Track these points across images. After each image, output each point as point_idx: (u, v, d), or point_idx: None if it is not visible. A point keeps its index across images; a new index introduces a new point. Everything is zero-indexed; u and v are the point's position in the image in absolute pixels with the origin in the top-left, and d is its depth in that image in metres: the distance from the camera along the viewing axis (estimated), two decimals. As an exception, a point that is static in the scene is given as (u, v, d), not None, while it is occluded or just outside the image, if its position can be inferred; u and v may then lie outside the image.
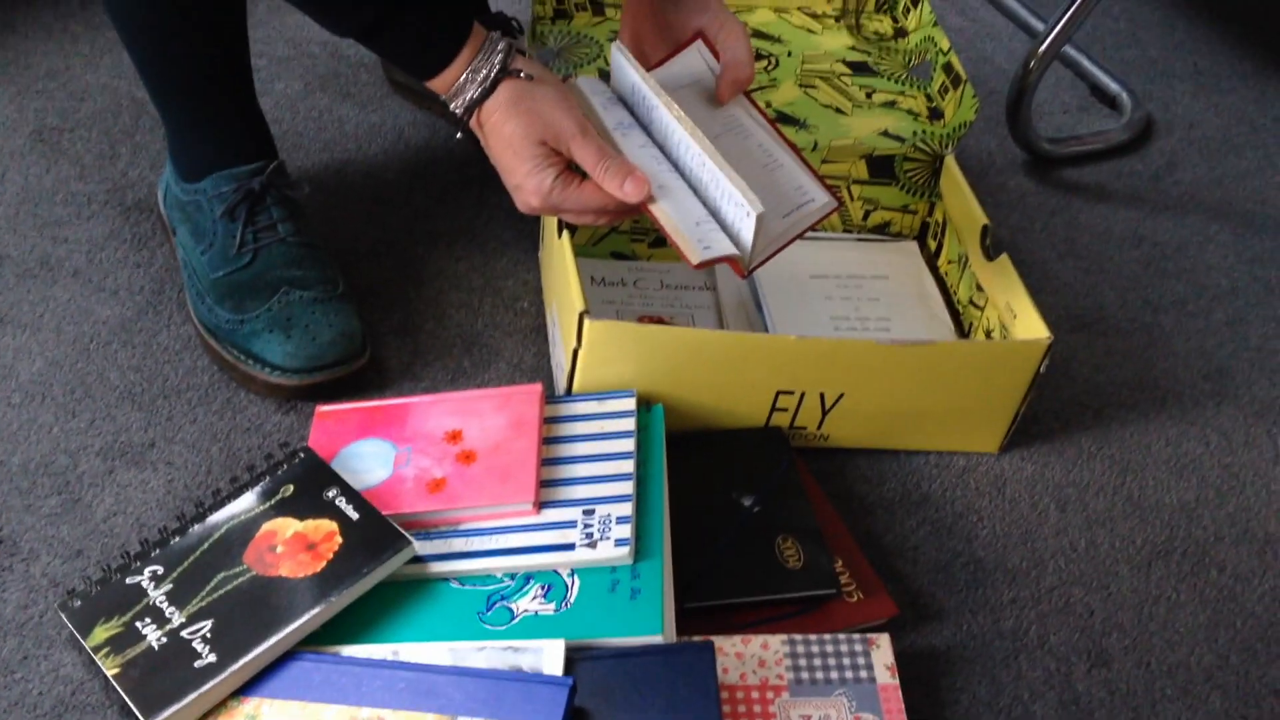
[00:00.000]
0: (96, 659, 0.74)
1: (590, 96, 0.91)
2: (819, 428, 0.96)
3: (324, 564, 0.77)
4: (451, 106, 0.85)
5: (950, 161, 1.09)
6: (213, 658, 0.73)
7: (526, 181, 0.85)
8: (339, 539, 0.79)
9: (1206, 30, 1.59)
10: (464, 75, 0.84)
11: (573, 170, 0.86)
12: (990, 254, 1.01)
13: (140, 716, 0.71)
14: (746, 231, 0.84)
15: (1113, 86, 1.44)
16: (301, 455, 0.85)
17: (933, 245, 1.13)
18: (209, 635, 0.74)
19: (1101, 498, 0.97)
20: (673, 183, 0.87)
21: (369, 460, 0.87)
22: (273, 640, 0.73)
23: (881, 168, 1.11)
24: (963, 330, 1.06)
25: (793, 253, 1.09)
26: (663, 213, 0.85)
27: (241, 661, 0.72)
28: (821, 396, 0.93)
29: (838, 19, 1.20)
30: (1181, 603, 0.90)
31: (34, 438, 0.92)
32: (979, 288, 1.03)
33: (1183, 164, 1.36)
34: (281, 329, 0.95)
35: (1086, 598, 0.90)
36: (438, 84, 0.85)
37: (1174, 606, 0.90)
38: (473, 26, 0.84)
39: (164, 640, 0.74)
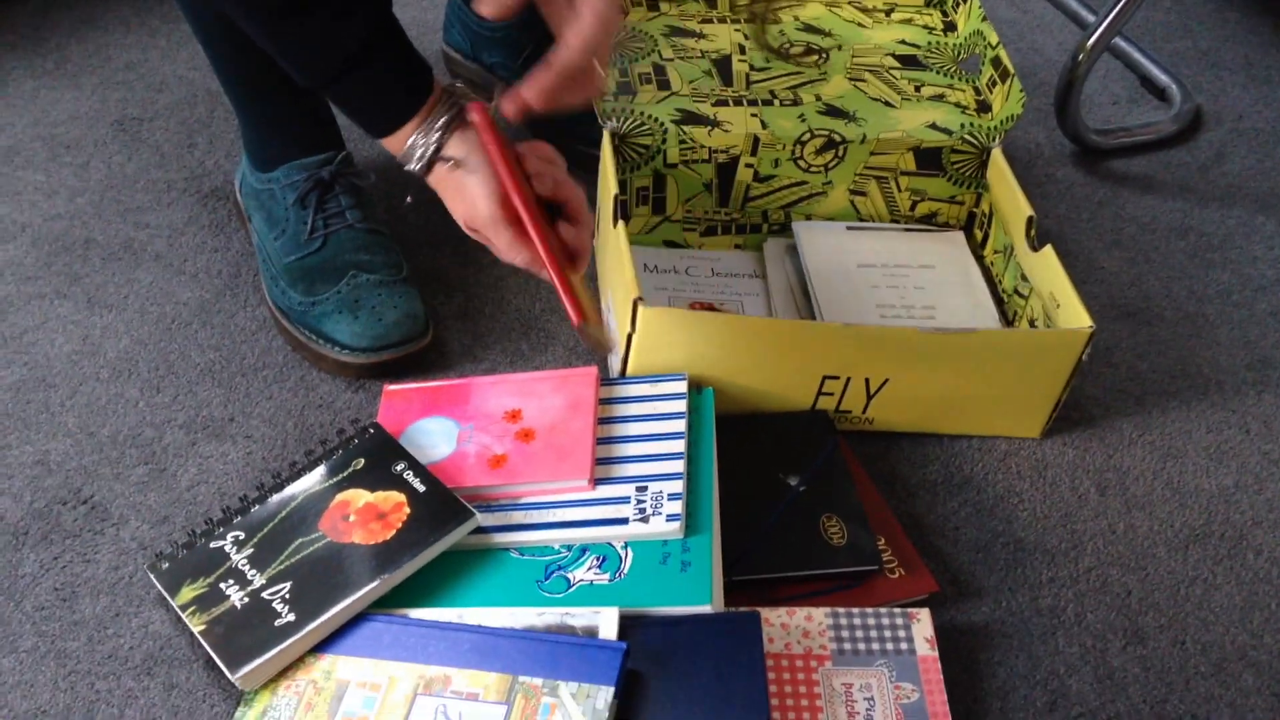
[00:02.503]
0: (184, 616, 0.79)
1: None
2: (864, 412, 0.99)
3: (393, 533, 0.82)
4: (406, 168, 0.86)
5: (997, 153, 1.11)
6: (291, 617, 0.77)
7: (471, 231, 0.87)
8: (407, 510, 0.83)
9: (1258, 22, 1.59)
10: (415, 135, 0.84)
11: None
12: (1035, 244, 1.03)
13: (225, 670, 0.76)
14: None
15: (1162, 78, 1.44)
16: (371, 431, 0.89)
17: (979, 235, 1.16)
18: (288, 596, 0.78)
19: (1141, 482, 0.99)
20: None
21: (434, 436, 0.91)
22: (347, 602, 0.78)
23: (929, 160, 1.13)
24: (1007, 319, 1.09)
25: (841, 242, 1.13)
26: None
27: (318, 621, 0.77)
28: (867, 382, 0.96)
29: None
30: (1217, 584, 0.92)
31: (122, 411, 0.98)
32: (1024, 277, 1.06)
33: (1231, 155, 1.37)
34: (349, 310, 1.00)
35: (1124, 578, 0.92)
36: (392, 143, 0.85)
37: (1210, 588, 0.92)
38: (434, 84, 0.84)
39: (246, 600, 0.79)
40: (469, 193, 0.85)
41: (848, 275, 1.10)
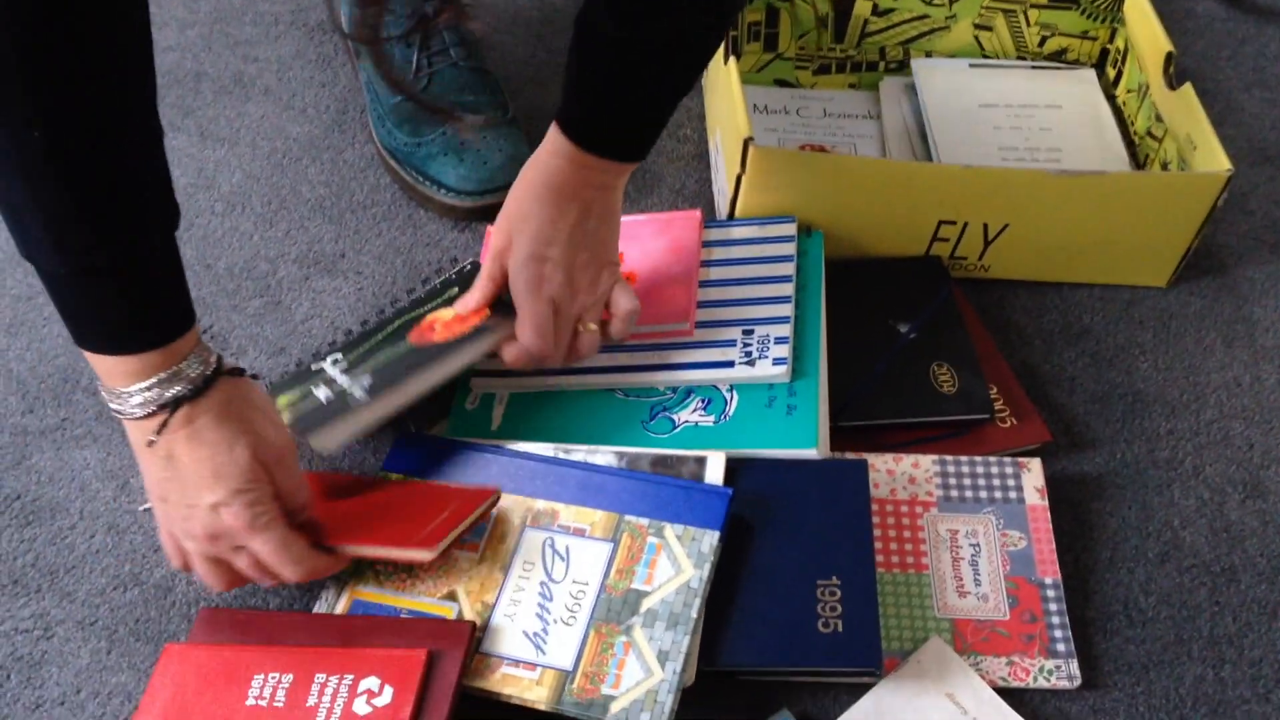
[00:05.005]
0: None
1: None
2: (980, 259, 0.96)
3: (469, 327, 0.82)
4: (125, 404, 0.66)
5: (1136, -16, 1.04)
6: (365, 396, 0.79)
7: (233, 500, 0.67)
8: (488, 311, 0.83)
9: None
10: (165, 374, 0.66)
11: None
12: (1173, 83, 0.98)
13: (300, 437, 0.77)
14: None
15: (1322, -97, 1.33)
16: (469, 266, 0.89)
17: (1111, 74, 1.09)
18: (366, 384, 0.80)
19: (1271, 334, 0.95)
20: None
21: (538, 277, 0.91)
22: (418, 375, 0.79)
23: (1061, -9, 1.07)
24: (1138, 163, 1.03)
25: (963, 81, 1.08)
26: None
27: (386, 392, 0.79)
28: (985, 227, 0.93)
29: None
30: (1347, 442, 0.89)
31: (237, 244, 0.99)
32: (1158, 118, 1.00)
33: (1394, -11, 1.27)
34: (455, 153, 0.99)
35: (1247, 431, 0.89)
36: (116, 368, 0.66)
37: (1339, 445, 0.89)
38: (193, 327, 0.68)
39: (330, 394, 0.80)
40: (266, 417, 0.70)
41: (969, 115, 1.06)
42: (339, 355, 0.84)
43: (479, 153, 0.99)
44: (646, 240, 0.92)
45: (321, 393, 0.81)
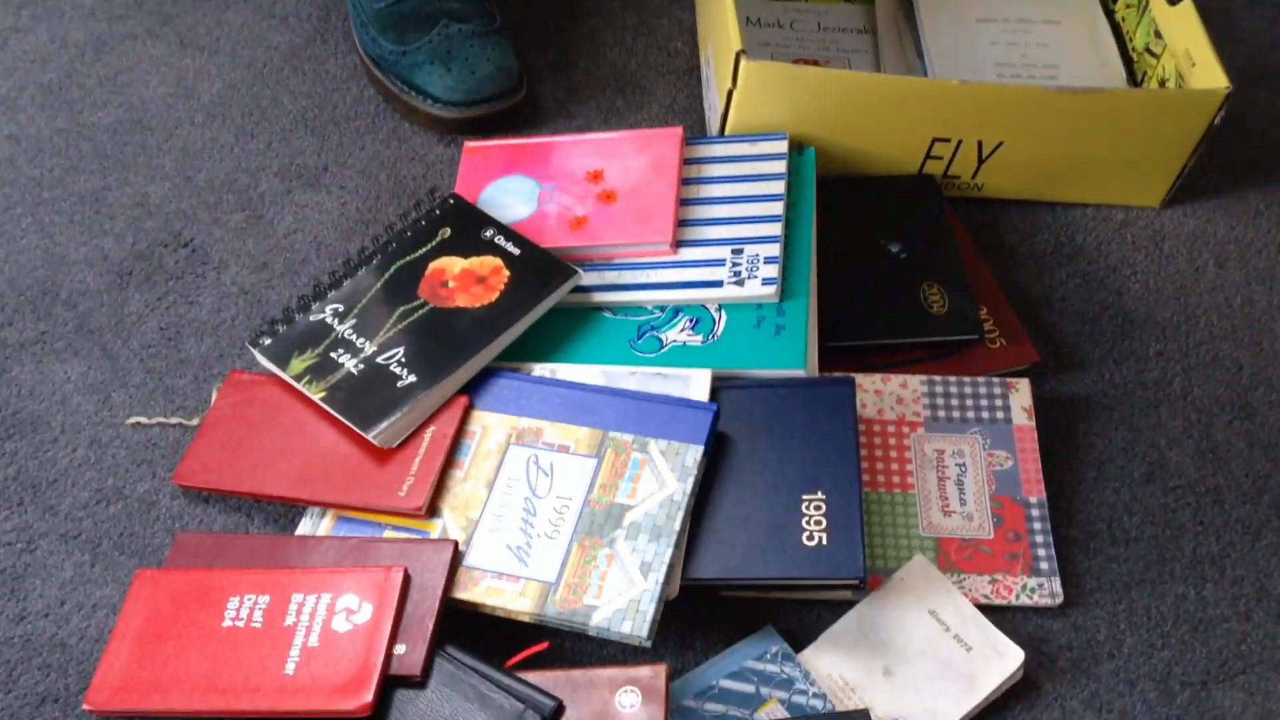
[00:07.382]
0: (299, 386, 0.78)
1: None
2: (974, 177, 0.95)
3: (497, 294, 0.81)
4: None
5: (1140, -105, 1.02)
6: (414, 378, 0.77)
7: None
8: (506, 272, 0.82)
9: None
10: None
11: None
12: (1173, -2, 0.96)
13: (359, 430, 0.75)
14: None
15: None
16: (452, 201, 0.87)
17: (1111, -11, 1.07)
18: (404, 360, 0.78)
19: (1264, 256, 0.95)
20: None
21: (514, 196, 0.89)
22: (470, 361, 0.78)
23: (1063, -98, 1.04)
24: (1135, 80, 1.02)
25: (960, -8, 1.06)
26: None
27: (443, 381, 0.77)
28: (979, 145, 0.91)
29: None
30: (1336, 364, 0.89)
31: (217, 156, 0.97)
32: (1157, 34, 0.98)
33: (1403, -96, 1.24)
34: (441, 62, 0.97)
35: (1236, 353, 0.89)
36: None
37: (1328, 368, 0.88)
38: None
39: (361, 366, 0.78)
40: None
41: (965, 30, 1.04)
42: (338, 306, 0.82)
43: (466, 62, 0.97)
44: (627, 157, 0.90)
45: (349, 362, 0.79)
